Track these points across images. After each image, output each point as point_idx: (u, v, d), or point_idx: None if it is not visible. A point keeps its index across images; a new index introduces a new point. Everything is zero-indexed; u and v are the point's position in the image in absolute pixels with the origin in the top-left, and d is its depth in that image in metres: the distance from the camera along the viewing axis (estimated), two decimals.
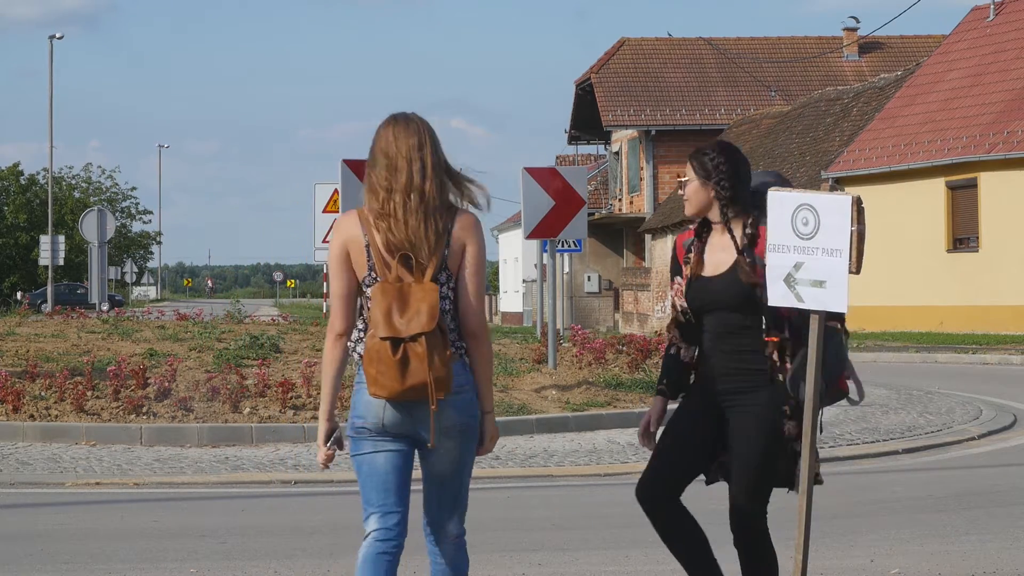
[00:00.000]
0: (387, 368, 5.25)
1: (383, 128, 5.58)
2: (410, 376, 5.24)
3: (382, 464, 5.56)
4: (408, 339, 5.23)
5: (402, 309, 5.26)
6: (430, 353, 5.22)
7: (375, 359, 5.25)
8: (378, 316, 5.26)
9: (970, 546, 8.63)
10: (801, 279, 7.37)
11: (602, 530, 9.41)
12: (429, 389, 5.24)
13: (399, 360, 5.23)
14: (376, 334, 5.26)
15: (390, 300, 5.26)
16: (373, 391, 5.30)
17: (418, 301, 5.26)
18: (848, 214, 7.16)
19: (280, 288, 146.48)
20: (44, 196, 78.31)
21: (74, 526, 9.78)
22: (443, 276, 5.34)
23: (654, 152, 54.18)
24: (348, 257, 5.39)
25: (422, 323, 5.23)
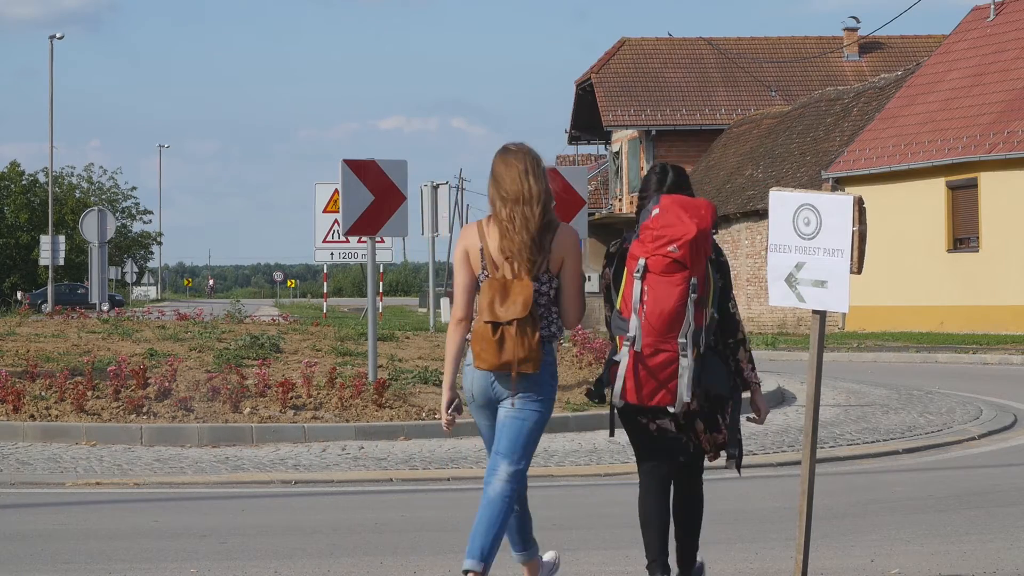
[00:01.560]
0: (488, 345, 6.66)
1: (498, 156, 6.84)
2: (505, 352, 6.64)
3: (487, 433, 7.01)
4: (505, 323, 6.62)
5: (503, 300, 6.66)
6: (522, 335, 6.62)
7: (479, 338, 6.68)
8: (484, 305, 6.67)
9: (970, 546, 8.63)
10: (803, 279, 7.36)
11: (602, 530, 9.41)
12: (514, 362, 6.63)
13: (497, 339, 6.64)
14: (481, 319, 6.67)
15: (494, 293, 6.67)
16: (477, 364, 6.73)
17: (516, 294, 6.66)
18: (850, 214, 7.16)
19: (280, 288, 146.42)
20: (44, 196, 78.31)
21: (74, 526, 9.77)
22: (544, 276, 6.73)
23: (654, 152, 54.16)
24: (468, 258, 6.79)
25: (517, 311, 6.64)
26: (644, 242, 6.73)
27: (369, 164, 15.71)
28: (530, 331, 6.64)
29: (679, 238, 6.64)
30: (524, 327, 6.62)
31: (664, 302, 6.63)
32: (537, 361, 6.66)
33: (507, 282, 6.67)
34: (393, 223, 15.86)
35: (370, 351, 15.53)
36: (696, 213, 6.70)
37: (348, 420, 14.25)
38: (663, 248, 6.64)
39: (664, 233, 6.65)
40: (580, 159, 71.40)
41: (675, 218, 6.69)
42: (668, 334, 6.67)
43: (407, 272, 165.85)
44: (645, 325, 6.68)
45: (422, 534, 9.34)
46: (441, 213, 28.64)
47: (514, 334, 6.62)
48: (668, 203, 6.74)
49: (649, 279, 6.68)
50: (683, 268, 6.65)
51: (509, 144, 6.87)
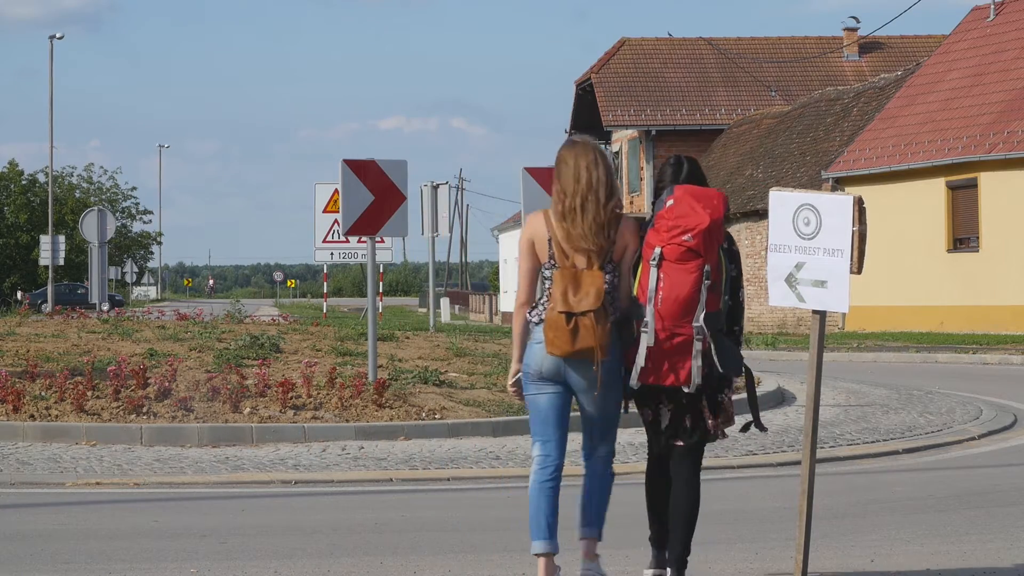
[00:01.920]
0: (562, 334, 6.98)
1: (564, 149, 7.15)
2: (579, 341, 6.97)
3: (543, 403, 7.22)
4: (579, 313, 6.96)
5: (575, 290, 6.99)
6: (596, 324, 6.95)
7: (553, 326, 6.99)
8: (557, 294, 7.00)
9: (970, 546, 8.63)
10: (803, 279, 7.36)
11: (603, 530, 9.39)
12: (595, 352, 6.97)
13: (571, 329, 6.97)
14: (555, 308, 6.99)
15: (566, 283, 6.99)
16: (550, 350, 7.05)
17: (588, 285, 6.98)
18: (849, 214, 7.16)
19: (280, 288, 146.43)
20: (44, 196, 78.31)
21: (74, 526, 9.77)
22: (609, 267, 7.06)
23: (654, 152, 54.16)
24: (533, 246, 7.12)
25: (591, 302, 6.96)
26: (659, 231, 7.03)
27: (369, 164, 15.71)
28: (603, 321, 6.99)
29: (693, 228, 6.98)
30: (598, 317, 6.97)
31: (679, 288, 6.96)
32: (608, 347, 7.02)
33: (578, 272, 7.01)
34: (393, 223, 15.86)
35: (370, 351, 15.54)
36: (709, 203, 7.03)
37: (348, 420, 14.25)
38: (678, 237, 6.96)
39: (679, 223, 6.96)
40: None
41: (688, 208, 7.01)
42: (683, 319, 7.02)
43: (407, 272, 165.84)
44: (662, 310, 7.01)
45: (422, 534, 9.34)
46: (441, 213, 28.63)
47: (588, 324, 6.96)
48: (681, 194, 7.05)
49: (665, 267, 7.00)
50: (697, 256, 6.99)
51: (575, 137, 7.25)
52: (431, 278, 29.18)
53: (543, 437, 7.26)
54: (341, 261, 32.62)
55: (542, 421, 7.24)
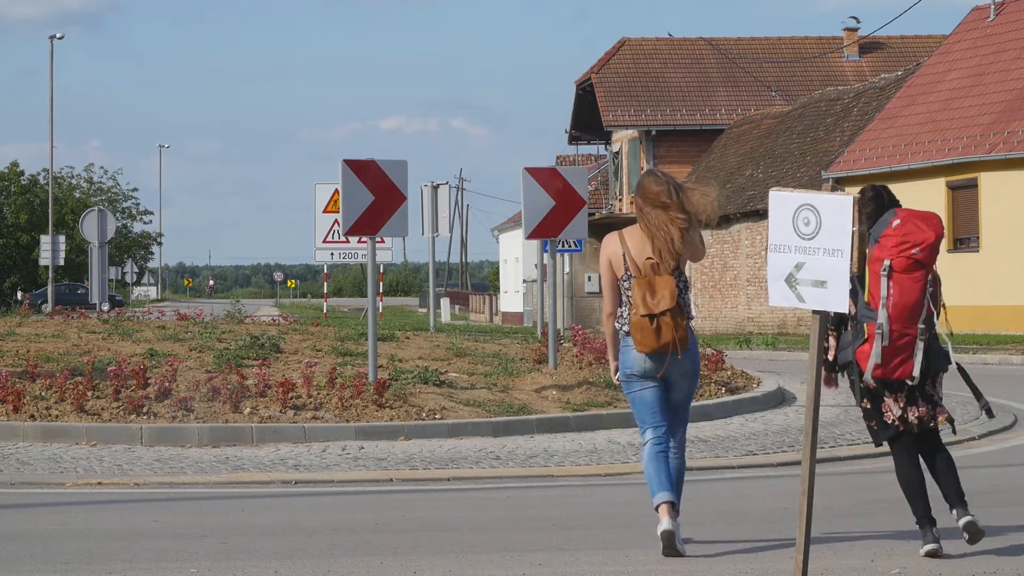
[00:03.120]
0: (647, 333, 8.28)
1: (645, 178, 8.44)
2: (662, 337, 8.26)
3: (648, 396, 8.49)
4: (659, 314, 8.24)
5: (652, 295, 8.27)
6: (674, 321, 8.25)
7: (638, 328, 8.28)
8: (637, 300, 8.30)
9: (971, 546, 8.63)
10: (802, 279, 7.37)
11: (602, 530, 9.41)
12: (675, 343, 8.26)
13: (655, 328, 8.26)
14: (638, 312, 8.28)
15: (644, 290, 8.29)
16: (639, 349, 8.33)
17: (662, 289, 8.27)
18: (849, 214, 7.16)
19: (281, 288, 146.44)
20: (45, 196, 78.31)
21: (74, 526, 9.77)
22: (676, 273, 8.33)
23: (655, 152, 54.17)
24: (611, 264, 8.45)
25: (666, 303, 8.25)
26: (886, 247, 8.13)
27: (369, 164, 15.70)
28: (680, 318, 8.29)
29: (921, 243, 8.14)
30: (675, 315, 8.27)
31: (909, 295, 8.11)
32: (687, 340, 8.33)
33: (652, 279, 8.30)
34: (393, 223, 15.86)
35: (370, 351, 15.54)
36: (931, 222, 8.28)
37: (348, 420, 14.25)
38: (907, 251, 8.07)
39: (907, 239, 8.08)
40: (580, 159, 71.40)
41: (914, 227, 8.17)
42: (911, 321, 8.23)
43: (407, 272, 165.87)
44: (892, 314, 8.12)
45: (422, 534, 9.35)
46: (441, 213, 28.62)
47: (668, 322, 8.26)
48: (906, 215, 8.23)
49: (895, 277, 8.10)
50: (923, 267, 8.18)
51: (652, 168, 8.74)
52: (431, 278, 29.18)
53: (653, 423, 8.53)
54: (341, 261, 32.62)
55: (650, 412, 8.51)
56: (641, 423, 8.58)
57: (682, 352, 8.32)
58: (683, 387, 8.51)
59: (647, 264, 8.32)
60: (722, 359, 17.80)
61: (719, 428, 14.90)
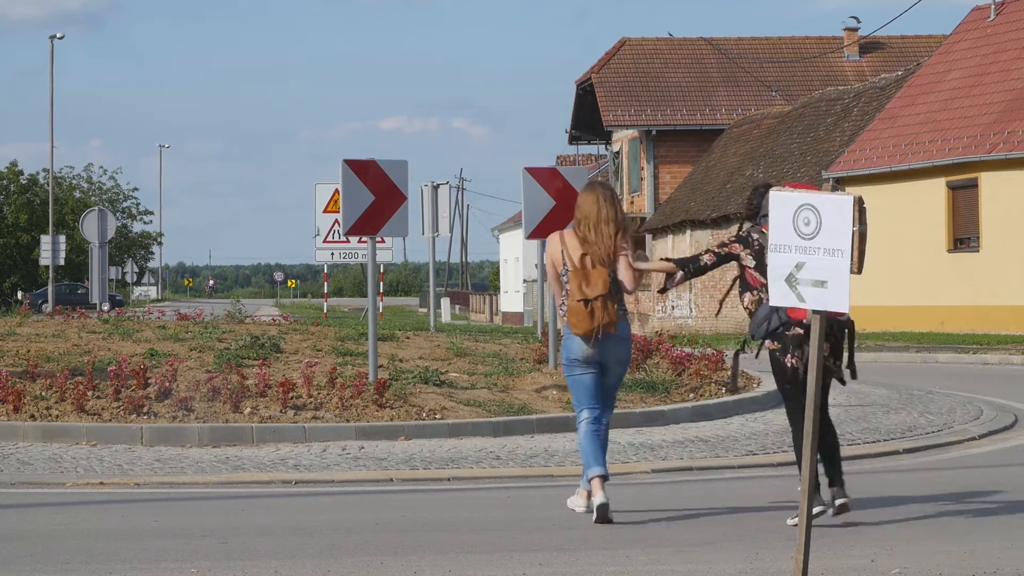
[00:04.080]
0: (582, 316, 9.53)
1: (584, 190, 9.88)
2: (595, 320, 9.50)
3: (587, 381, 9.74)
4: (592, 299, 9.49)
5: (587, 283, 9.54)
6: (606, 306, 9.51)
7: (574, 312, 9.56)
8: (574, 288, 9.57)
9: (971, 546, 8.63)
10: (803, 279, 7.37)
11: (603, 530, 9.41)
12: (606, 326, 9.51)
13: (589, 311, 9.51)
14: (573, 298, 9.56)
15: (580, 280, 9.57)
16: (574, 331, 9.59)
17: (596, 279, 9.54)
18: (850, 214, 7.16)
19: (281, 288, 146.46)
20: (45, 196, 78.31)
21: (75, 526, 9.78)
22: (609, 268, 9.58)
23: (655, 152, 54.17)
24: (553, 261, 9.72)
25: (599, 290, 9.51)
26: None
27: (369, 164, 15.70)
28: (611, 304, 9.52)
29: None
30: (607, 300, 9.51)
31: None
32: (616, 323, 9.56)
33: (588, 271, 9.58)
34: (393, 223, 15.86)
35: (370, 351, 15.54)
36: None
37: (348, 420, 14.25)
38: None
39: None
40: (580, 159, 71.42)
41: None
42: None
43: (407, 272, 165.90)
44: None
45: (422, 534, 9.35)
46: (441, 213, 28.64)
47: (599, 306, 9.50)
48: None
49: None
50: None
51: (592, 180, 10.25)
52: (431, 278, 29.19)
53: (589, 405, 9.78)
54: (342, 261, 32.64)
55: (588, 395, 9.76)
56: (578, 404, 9.81)
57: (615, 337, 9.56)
58: (616, 373, 9.76)
59: (583, 260, 9.59)
60: (722, 359, 17.80)
61: (719, 428, 14.91)
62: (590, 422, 9.74)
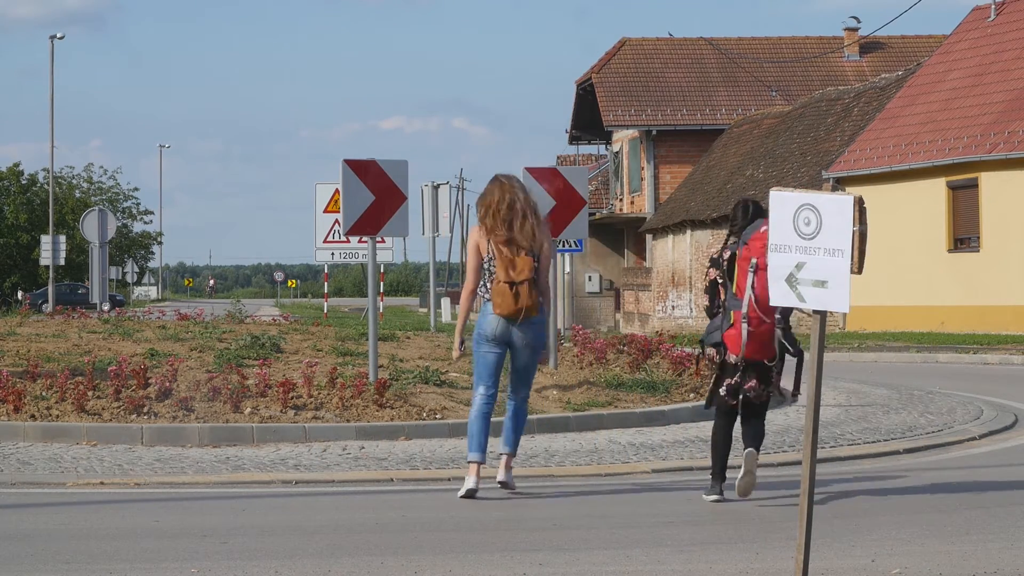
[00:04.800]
0: (507, 297, 10.35)
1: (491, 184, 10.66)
2: (519, 302, 10.34)
3: (491, 359, 10.56)
4: (518, 283, 10.34)
5: (513, 269, 10.38)
6: (529, 290, 10.37)
7: (499, 293, 10.37)
8: (500, 272, 10.40)
9: (971, 546, 8.64)
10: (803, 279, 7.37)
11: (603, 530, 9.42)
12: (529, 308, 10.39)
13: (513, 293, 10.34)
14: (500, 280, 10.37)
15: (507, 265, 10.39)
16: (498, 312, 10.39)
17: (521, 264, 10.39)
18: (850, 214, 7.16)
19: (281, 288, 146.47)
20: (45, 196, 78.31)
21: (75, 526, 9.78)
22: (533, 255, 10.46)
23: (655, 152, 54.17)
24: (478, 249, 10.50)
25: (525, 275, 10.37)
26: (754, 248, 9.94)
27: (370, 164, 15.70)
28: (534, 290, 10.39)
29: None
30: (530, 285, 10.37)
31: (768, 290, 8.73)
32: (537, 308, 10.42)
33: (515, 258, 10.41)
34: (394, 223, 15.85)
35: (371, 351, 15.54)
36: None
37: (349, 420, 14.25)
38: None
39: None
40: (581, 159, 71.42)
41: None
42: (769, 311, 10.00)
43: (408, 272, 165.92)
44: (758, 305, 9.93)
45: (423, 534, 9.35)
46: (442, 213, 28.66)
47: (525, 290, 10.35)
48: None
49: (759, 274, 9.81)
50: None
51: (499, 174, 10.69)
52: (432, 278, 29.20)
53: (488, 382, 10.57)
54: (342, 261, 32.63)
55: (489, 372, 10.56)
56: (477, 380, 10.59)
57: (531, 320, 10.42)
58: (524, 355, 10.54)
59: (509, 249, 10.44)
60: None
61: None
62: (484, 401, 10.53)
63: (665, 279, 49.82)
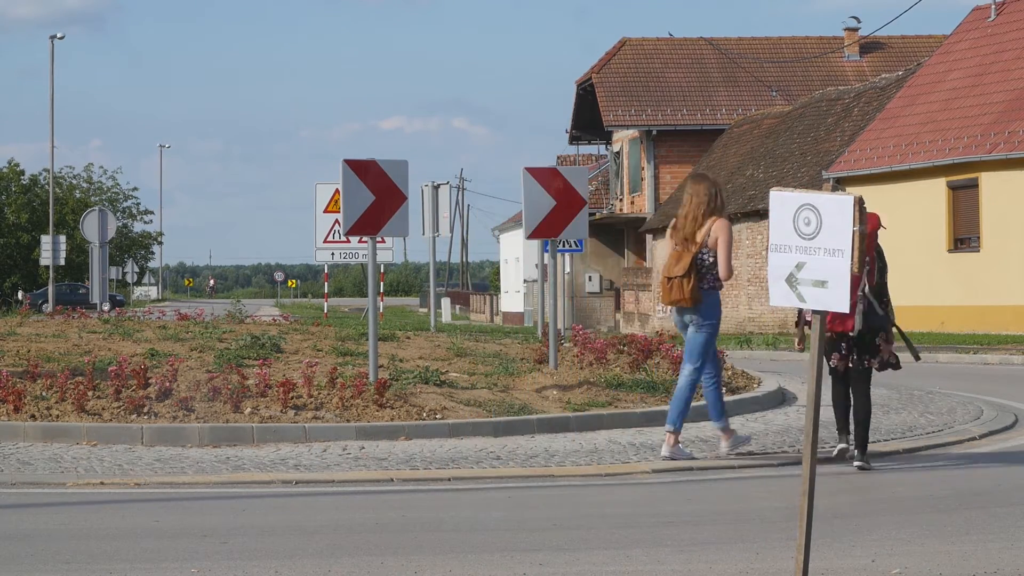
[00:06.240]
0: (664, 291, 12.23)
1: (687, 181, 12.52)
2: (673, 296, 12.17)
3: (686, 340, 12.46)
4: (674, 278, 12.12)
5: (675, 264, 12.16)
6: (681, 285, 12.09)
7: (662, 287, 12.27)
8: (665, 266, 12.23)
9: (971, 546, 8.64)
10: (803, 279, 7.37)
11: (603, 530, 9.42)
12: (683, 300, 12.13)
13: (669, 288, 12.16)
14: (663, 275, 12.27)
15: (671, 261, 12.21)
16: (663, 302, 12.42)
17: (683, 260, 12.11)
18: (850, 214, 7.16)
19: (281, 288, 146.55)
20: (45, 196, 78.32)
21: (75, 526, 9.78)
22: (704, 251, 12.16)
23: (655, 152, 54.17)
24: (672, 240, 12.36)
25: (681, 271, 12.10)
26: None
27: (370, 164, 15.69)
28: (687, 283, 12.06)
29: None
30: (685, 280, 12.05)
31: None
32: (693, 300, 12.08)
33: (680, 252, 12.18)
34: (394, 223, 15.85)
35: (371, 351, 15.54)
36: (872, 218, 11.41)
37: (349, 420, 14.25)
38: None
39: None
40: (581, 159, 71.43)
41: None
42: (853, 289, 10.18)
43: (408, 272, 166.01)
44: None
45: (423, 534, 9.35)
46: (442, 213, 28.66)
47: (677, 284, 12.10)
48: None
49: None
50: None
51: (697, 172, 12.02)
52: (432, 278, 29.20)
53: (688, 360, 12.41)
54: (342, 261, 32.64)
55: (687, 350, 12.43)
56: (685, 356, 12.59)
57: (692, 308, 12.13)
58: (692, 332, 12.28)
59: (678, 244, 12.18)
60: (723, 359, 17.79)
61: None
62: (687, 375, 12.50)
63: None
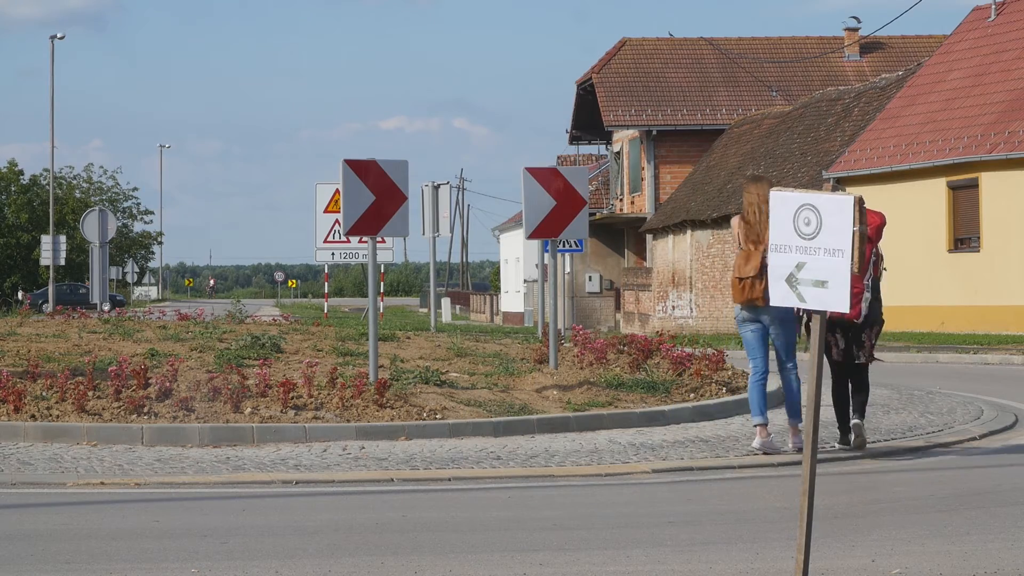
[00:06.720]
0: (736, 290, 12.50)
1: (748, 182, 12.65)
2: (747, 295, 12.44)
3: (750, 336, 12.72)
4: (747, 278, 12.41)
5: (746, 263, 12.45)
6: (754, 284, 12.38)
7: (734, 286, 12.52)
8: (736, 266, 12.53)
9: (971, 546, 8.64)
10: (803, 279, 7.37)
11: (603, 530, 9.42)
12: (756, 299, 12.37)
13: (742, 287, 12.47)
14: (734, 275, 12.50)
15: (741, 260, 12.51)
16: (735, 301, 12.58)
17: (754, 259, 12.37)
18: (850, 214, 7.16)
19: (281, 288, 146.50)
20: (45, 196, 78.32)
21: (75, 526, 9.78)
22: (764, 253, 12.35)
23: (655, 152, 54.17)
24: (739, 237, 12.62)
25: (751, 271, 12.37)
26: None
27: (370, 164, 15.69)
28: (759, 283, 12.30)
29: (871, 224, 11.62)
30: (757, 279, 12.31)
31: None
32: (763, 300, 12.25)
33: (750, 252, 12.43)
34: (394, 223, 15.84)
35: (371, 351, 15.54)
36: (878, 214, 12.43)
37: (349, 420, 14.25)
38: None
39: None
40: (581, 159, 71.45)
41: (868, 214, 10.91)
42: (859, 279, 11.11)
43: (408, 272, 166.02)
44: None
45: (423, 534, 9.35)
46: (442, 213, 28.65)
47: (749, 284, 12.41)
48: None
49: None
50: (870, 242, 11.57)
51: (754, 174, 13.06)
52: (432, 278, 29.20)
53: (753, 356, 12.70)
54: (342, 261, 32.63)
55: (750, 347, 12.71)
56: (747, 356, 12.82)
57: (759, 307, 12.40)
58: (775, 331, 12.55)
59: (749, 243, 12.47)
60: (723, 359, 17.80)
61: (720, 428, 14.91)
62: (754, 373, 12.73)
63: (665, 279, 49.82)
